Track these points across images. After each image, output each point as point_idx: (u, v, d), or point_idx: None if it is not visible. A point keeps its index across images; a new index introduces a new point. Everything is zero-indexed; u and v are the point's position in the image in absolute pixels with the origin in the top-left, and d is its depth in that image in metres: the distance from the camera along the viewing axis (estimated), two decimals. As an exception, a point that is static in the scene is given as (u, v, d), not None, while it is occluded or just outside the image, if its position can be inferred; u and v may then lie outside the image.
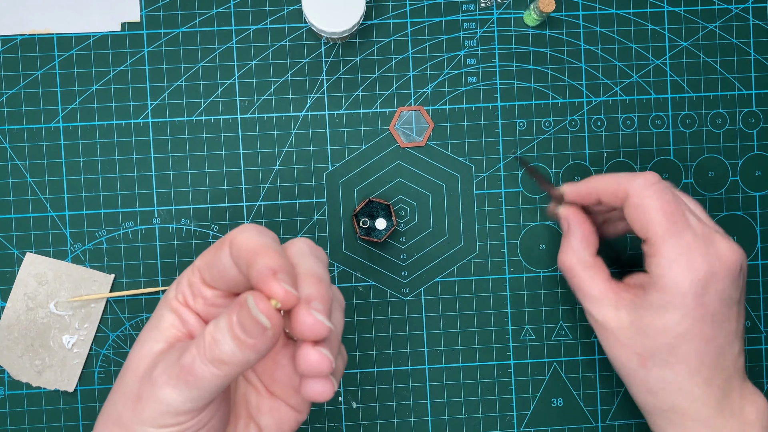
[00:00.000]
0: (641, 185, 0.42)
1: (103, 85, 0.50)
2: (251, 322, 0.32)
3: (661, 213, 0.41)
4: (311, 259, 0.36)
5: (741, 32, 0.52)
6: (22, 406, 0.50)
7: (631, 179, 0.42)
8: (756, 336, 0.52)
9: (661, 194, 0.41)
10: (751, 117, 0.52)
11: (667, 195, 0.41)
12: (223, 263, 0.35)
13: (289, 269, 0.33)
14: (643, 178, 0.42)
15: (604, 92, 0.52)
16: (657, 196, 0.41)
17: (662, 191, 0.41)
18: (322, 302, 0.33)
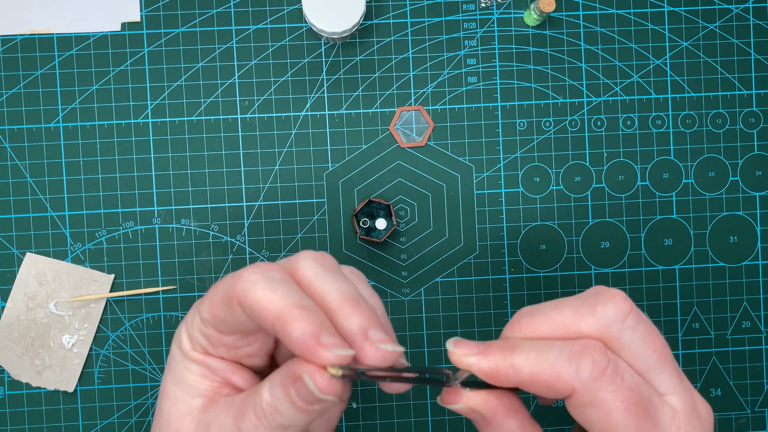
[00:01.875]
0: (591, 377, 0.29)
1: (103, 85, 0.50)
2: (311, 395, 0.28)
3: (626, 410, 0.29)
4: (329, 277, 0.31)
5: (741, 32, 0.52)
6: (22, 406, 0.50)
7: (572, 367, 0.29)
8: (756, 336, 0.52)
9: (620, 384, 0.29)
10: (752, 117, 0.52)
11: (625, 382, 0.29)
12: (238, 321, 0.30)
13: (327, 323, 0.29)
14: (589, 364, 0.29)
15: (604, 92, 0.52)
16: (614, 388, 0.29)
17: (618, 378, 0.29)
18: (374, 326, 0.29)
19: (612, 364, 0.29)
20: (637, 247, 0.52)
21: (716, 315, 0.52)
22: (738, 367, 0.52)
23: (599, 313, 0.30)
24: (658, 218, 0.52)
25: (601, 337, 0.30)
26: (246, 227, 0.50)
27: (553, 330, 0.31)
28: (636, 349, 0.30)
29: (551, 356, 0.29)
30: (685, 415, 0.30)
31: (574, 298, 0.31)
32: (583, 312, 0.30)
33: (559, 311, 0.31)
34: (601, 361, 0.29)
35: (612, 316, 0.30)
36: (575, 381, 0.29)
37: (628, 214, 0.52)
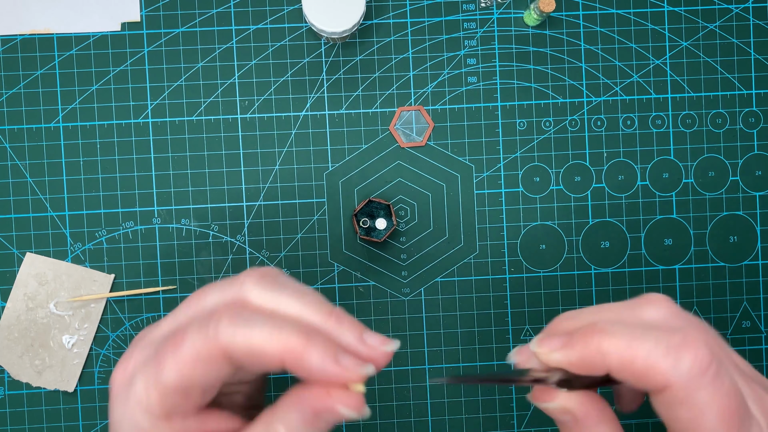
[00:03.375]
0: (690, 374, 0.27)
1: (103, 85, 0.50)
2: (338, 419, 0.27)
3: (721, 417, 0.27)
4: (290, 296, 0.29)
5: (741, 32, 0.52)
6: (22, 406, 0.50)
7: (671, 359, 0.27)
8: (756, 336, 0.52)
9: (720, 387, 0.27)
10: (752, 117, 0.52)
11: (725, 387, 0.27)
12: (219, 375, 0.28)
13: (332, 344, 0.27)
14: (691, 359, 0.27)
15: (604, 92, 0.52)
16: (713, 391, 0.27)
17: (720, 381, 0.27)
18: (363, 330, 0.29)
19: (716, 362, 0.27)
20: (637, 247, 0.52)
21: (716, 315, 0.52)
22: (738, 367, 0.52)
23: (643, 317, 0.29)
24: (658, 218, 0.52)
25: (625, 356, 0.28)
26: (246, 227, 0.50)
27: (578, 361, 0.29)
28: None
29: (647, 343, 0.27)
30: (766, 426, 0.28)
31: (616, 304, 0.30)
32: (626, 316, 0.29)
33: (602, 314, 0.30)
34: (705, 358, 0.26)
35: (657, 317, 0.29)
36: (672, 375, 0.26)
37: (628, 213, 0.52)
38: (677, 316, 0.29)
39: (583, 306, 0.52)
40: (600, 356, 0.28)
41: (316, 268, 0.51)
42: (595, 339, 0.28)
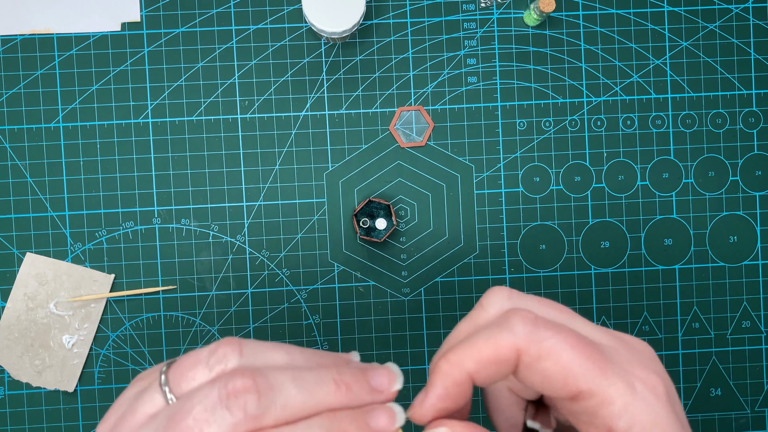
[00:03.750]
0: (525, 331, 0.28)
1: (103, 85, 0.50)
2: None
3: (575, 347, 0.28)
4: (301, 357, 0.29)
5: (741, 32, 0.52)
6: (22, 406, 0.50)
7: (505, 331, 0.29)
8: (756, 336, 0.52)
9: (555, 328, 0.29)
10: (751, 117, 0.52)
11: (561, 328, 0.29)
12: None
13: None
14: (519, 320, 0.29)
15: (604, 92, 0.52)
16: (554, 332, 0.29)
17: (550, 324, 0.29)
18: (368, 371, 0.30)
19: (541, 318, 0.29)
20: (637, 246, 0.52)
21: (716, 315, 0.52)
22: (738, 367, 0.52)
23: (486, 307, 0.31)
24: (658, 218, 0.52)
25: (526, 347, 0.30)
26: (246, 227, 0.50)
27: (480, 363, 0.29)
28: (539, 313, 0.31)
29: (484, 335, 0.29)
30: (623, 350, 0.30)
31: (468, 314, 0.32)
32: (475, 314, 0.31)
33: (458, 329, 0.31)
34: (529, 314, 0.29)
35: (497, 301, 0.31)
36: (516, 340, 0.28)
37: (628, 213, 0.52)
38: (514, 294, 0.31)
39: (583, 306, 0.52)
40: (460, 371, 0.29)
41: (316, 268, 0.51)
42: (443, 364, 0.29)
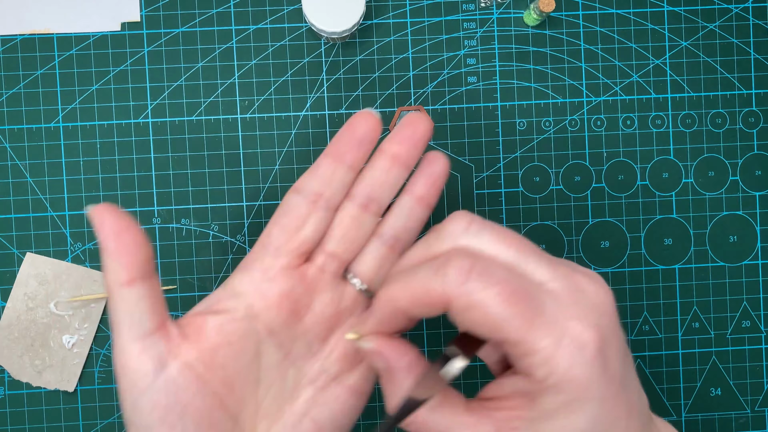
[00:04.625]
0: (456, 280, 0.29)
1: (103, 84, 0.50)
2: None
3: (503, 300, 0.28)
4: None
5: (741, 32, 0.52)
6: (23, 406, 0.50)
7: (439, 278, 0.29)
8: (756, 336, 0.52)
9: (488, 279, 0.29)
10: (751, 117, 0.52)
11: (494, 276, 0.29)
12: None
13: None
14: (454, 270, 0.29)
15: (604, 92, 0.52)
16: (485, 284, 0.29)
17: (486, 275, 0.29)
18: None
19: (478, 264, 0.29)
20: (636, 246, 0.52)
21: (716, 314, 0.52)
22: (738, 367, 0.52)
23: (442, 235, 0.32)
24: (658, 218, 0.52)
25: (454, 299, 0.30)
26: (246, 227, 0.50)
27: (414, 301, 0.31)
28: (490, 250, 0.31)
29: (420, 275, 0.30)
30: (568, 297, 0.29)
31: (426, 235, 0.34)
32: (431, 241, 0.33)
33: (413, 252, 0.34)
34: (464, 265, 0.29)
35: (454, 231, 0.31)
36: (446, 290, 0.29)
37: (627, 213, 0.52)
38: (473, 225, 0.32)
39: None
40: (392, 304, 0.32)
41: (316, 268, 0.51)
42: (382, 293, 0.32)
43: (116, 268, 0.32)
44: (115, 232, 0.32)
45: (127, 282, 0.32)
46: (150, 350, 0.33)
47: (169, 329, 0.34)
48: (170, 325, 0.34)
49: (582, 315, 0.29)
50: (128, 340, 0.33)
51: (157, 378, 0.32)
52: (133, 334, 0.33)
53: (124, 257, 0.32)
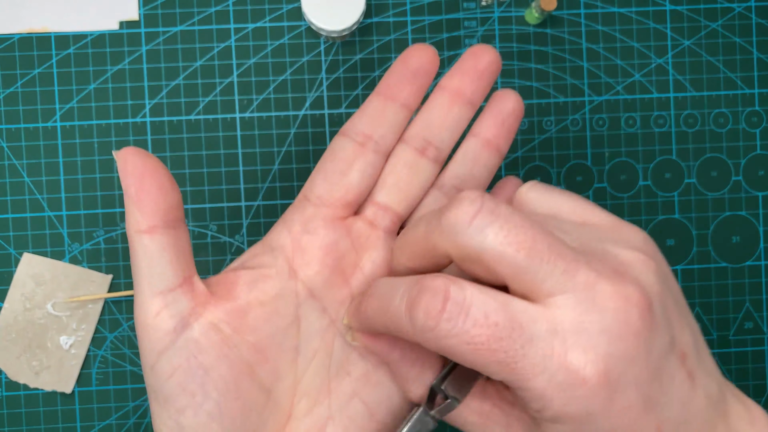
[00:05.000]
0: (422, 330, 0.25)
1: (101, 84, 0.50)
2: None
3: (476, 353, 0.24)
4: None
5: (744, 31, 0.52)
6: (20, 408, 0.50)
7: (408, 320, 0.25)
8: (758, 337, 0.52)
9: (459, 328, 0.24)
10: (754, 116, 0.52)
11: (466, 324, 0.24)
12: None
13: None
14: (457, 214, 0.25)
15: (606, 91, 0.51)
16: (454, 334, 0.24)
17: (457, 323, 0.24)
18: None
19: (451, 300, 0.24)
20: (638, 247, 0.52)
21: (718, 316, 0.52)
22: (740, 368, 0.52)
23: (444, 224, 0.25)
24: (660, 218, 0.52)
25: (455, 250, 0.25)
26: (245, 227, 0.50)
27: (413, 256, 0.28)
28: (496, 252, 0.24)
29: (395, 302, 0.26)
30: (575, 319, 0.24)
31: (434, 209, 0.27)
32: (433, 226, 0.26)
33: (415, 230, 0.27)
34: (434, 308, 0.24)
35: (456, 222, 0.25)
36: (414, 335, 0.25)
37: (629, 214, 0.52)
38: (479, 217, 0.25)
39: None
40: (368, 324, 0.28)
41: (315, 269, 0.50)
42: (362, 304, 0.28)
43: (136, 214, 0.28)
44: (137, 175, 0.28)
45: (148, 229, 0.28)
46: (171, 307, 0.28)
47: (195, 285, 0.29)
48: (197, 281, 0.30)
49: (589, 344, 0.24)
50: (148, 295, 0.28)
51: (178, 338, 0.28)
52: (153, 289, 0.28)
53: (145, 202, 0.28)
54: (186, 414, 0.28)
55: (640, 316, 0.24)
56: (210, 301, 0.29)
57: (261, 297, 0.30)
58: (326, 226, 0.31)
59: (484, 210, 0.24)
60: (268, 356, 0.30)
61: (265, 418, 0.29)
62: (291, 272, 0.31)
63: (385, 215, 0.32)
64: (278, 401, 0.30)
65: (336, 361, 0.31)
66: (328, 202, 0.31)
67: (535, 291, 0.25)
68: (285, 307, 0.30)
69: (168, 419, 0.28)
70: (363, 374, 0.31)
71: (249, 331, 0.29)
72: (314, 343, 0.31)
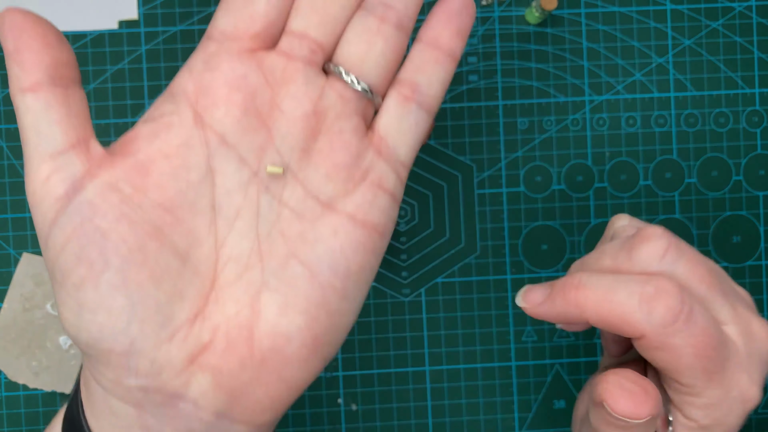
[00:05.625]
0: (663, 323, 0.29)
1: (100, 83, 0.50)
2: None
3: (696, 356, 0.29)
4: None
5: (744, 30, 0.52)
6: (19, 408, 0.50)
7: (644, 312, 0.29)
8: (760, 337, 0.52)
9: (691, 328, 0.29)
10: (755, 116, 0.52)
11: (697, 326, 0.29)
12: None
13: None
14: (663, 310, 0.28)
15: (606, 91, 0.51)
16: (686, 336, 0.29)
17: (692, 325, 0.29)
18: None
19: (686, 308, 0.28)
20: (639, 247, 0.52)
21: (719, 316, 0.52)
22: (741, 369, 0.52)
23: (635, 259, 0.29)
24: (661, 218, 0.51)
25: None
26: (245, 227, 0.50)
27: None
28: (684, 283, 0.29)
29: (621, 296, 0.29)
30: (743, 346, 0.30)
31: (615, 244, 0.31)
32: (621, 259, 0.30)
33: (600, 262, 0.31)
34: (675, 307, 0.28)
35: (649, 257, 0.29)
36: (646, 326, 0.28)
37: (630, 213, 0.51)
38: (669, 253, 0.30)
39: (585, 307, 0.52)
40: (578, 310, 0.30)
41: (315, 269, 0.50)
42: (572, 293, 0.30)
43: (16, 71, 0.25)
44: (15, 30, 0.25)
45: (31, 87, 0.25)
46: (62, 171, 0.25)
47: (92, 147, 0.26)
48: (94, 144, 0.26)
49: (752, 368, 0.30)
50: (35, 161, 0.25)
51: (70, 203, 0.25)
52: (40, 152, 0.25)
53: (25, 56, 0.25)
54: (85, 288, 0.25)
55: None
56: (107, 161, 0.26)
57: (164, 148, 0.26)
58: (231, 59, 0.27)
59: (673, 247, 0.29)
60: (179, 216, 0.26)
61: (182, 288, 0.26)
62: (196, 117, 0.26)
63: (302, 44, 0.27)
64: (197, 268, 0.26)
65: (265, 221, 0.27)
66: (233, 35, 0.27)
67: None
68: (194, 158, 0.26)
69: (68, 298, 0.25)
70: (299, 233, 0.27)
71: (154, 188, 0.26)
72: (235, 200, 0.27)
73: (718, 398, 0.29)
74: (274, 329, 0.26)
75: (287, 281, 0.26)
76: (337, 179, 0.27)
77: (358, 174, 0.27)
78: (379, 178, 0.27)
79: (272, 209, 0.27)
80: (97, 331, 0.25)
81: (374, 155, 0.28)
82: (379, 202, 0.27)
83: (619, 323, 0.29)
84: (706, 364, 0.29)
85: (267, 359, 0.26)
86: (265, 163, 0.26)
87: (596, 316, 0.29)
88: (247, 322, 0.26)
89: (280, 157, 0.27)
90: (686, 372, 0.29)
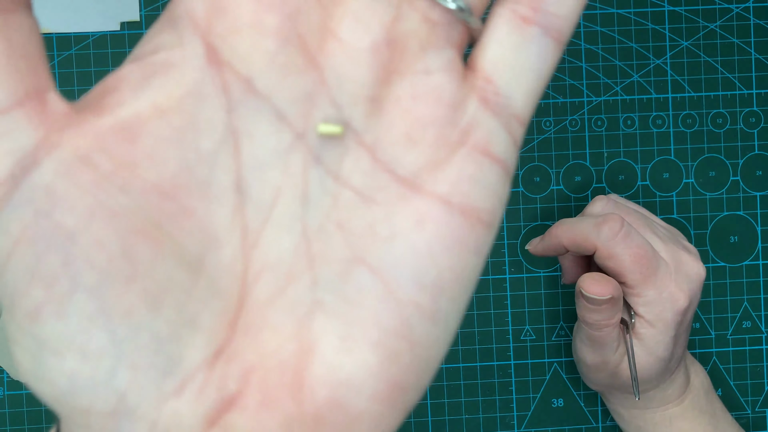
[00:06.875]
0: (607, 237, 0.42)
1: (103, 84, 0.50)
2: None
3: (633, 261, 0.42)
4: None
5: (742, 32, 0.52)
6: (22, 407, 0.50)
7: (596, 232, 0.43)
8: (757, 336, 0.52)
9: (628, 242, 0.42)
10: (752, 117, 0.52)
11: (633, 241, 0.42)
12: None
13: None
14: (607, 229, 0.42)
15: (604, 92, 0.51)
16: (624, 245, 0.42)
17: (629, 239, 0.42)
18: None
19: (624, 229, 0.42)
20: (637, 247, 0.52)
21: (717, 315, 0.52)
22: (738, 367, 0.52)
23: (600, 232, 0.43)
24: (659, 218, 0.52)
25: (603, 250, 0.43)
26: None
27: (570, 243, 0.45)
28: (622, 255, 0.43)
29: (582, 225, 0.44)
30: (673, 266, 0.43)
31: (587, 220, 0.44)
32: (593, 233, 0.43)
33: (579, 229, 0.44)
34: (615, 227, 0.42)
35: (609, 235, 0.43)
36: (597, 241, 0.43)
37: (628, 214, 0.52)
38: (622, 231, 0.42)
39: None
40: (557, 240, 0.45)
41: (315, 269, 0.51)
42: (554, 230, 0.46)
43: None
44: None
45: None
46: (5, 140, 0.15)
47: (49, 103, 0.16)
48: (53, 98, 0.16)
49: (679, 280, 0.43)
50: None
51: (17, 189, 0.15)
52: None
53: None
54: (44, 318, 0.15)
55: (702, 277, 0.44)
56: (73, 124, 0.16)
57: (161, 101, 0.16)
58: None
59: (624, 231, 0.42)
60: (186, 205, 0.16)
61: (194, 313, 0.16)
62: (209, 52, 0.16)
63: None
64: (216, 282, 0.16)
65: (317, 208, 0.17)
66: None
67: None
68: (206, 114, 0.16)
69: (20, 334, 0.16)
70: (367, 226, 0.17)
71: (145, 161, 0.16)
72: (271, 177, 0.17)
73: (653, 297, 0.43)
74: (333, 373, 0.16)
75: (351, 299, 0.17)
76: (422, 143, 0.17)
77: (455, 135, 0.17)
78: (485, 141, 0.17)
79: (326, 190, 0.17)
80: (67, 383, 0.15)
81: (478, 106, 0.17)
82: (484, 177, 0.17)
83: (582, 242, 0.44)
84: (641, 268, 0.42)
85: (323, 418, 0.16)
86: (316, 120, 0.17)
87: (567, 239, 0.44)
88: (294, 362, 0.16)
89: (337, 111, 0.17)
90: (628, 275, 0.42)
